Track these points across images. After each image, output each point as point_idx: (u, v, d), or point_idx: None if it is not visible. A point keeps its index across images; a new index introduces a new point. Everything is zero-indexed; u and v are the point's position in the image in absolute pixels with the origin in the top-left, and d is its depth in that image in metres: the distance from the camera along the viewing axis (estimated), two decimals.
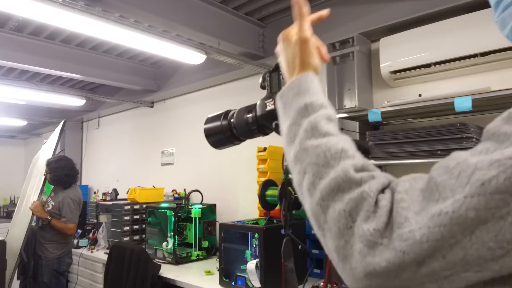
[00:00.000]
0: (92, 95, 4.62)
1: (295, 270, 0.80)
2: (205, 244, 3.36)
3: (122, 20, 2.43)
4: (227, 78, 3.72)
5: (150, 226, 3.52)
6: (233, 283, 2.37)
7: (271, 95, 0.72)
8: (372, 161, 1.85)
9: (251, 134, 0.79)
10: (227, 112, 0.83)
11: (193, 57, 2.96)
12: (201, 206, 3.36)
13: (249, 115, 0.76)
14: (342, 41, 2.61)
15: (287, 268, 0.77)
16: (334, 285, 0.77)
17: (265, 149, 3.15)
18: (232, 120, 0.80)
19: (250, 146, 3.49)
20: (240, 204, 3.71)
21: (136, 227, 3.66)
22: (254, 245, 2.39)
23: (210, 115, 0.86)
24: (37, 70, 3.66)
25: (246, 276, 2.29)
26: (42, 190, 3.27)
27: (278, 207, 2.78)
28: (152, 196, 3.95)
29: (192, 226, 3.40)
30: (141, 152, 5.13)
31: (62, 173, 3.24)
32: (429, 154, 1.92)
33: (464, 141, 1.81)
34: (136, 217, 3.68)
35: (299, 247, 2.45)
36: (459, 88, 2.02)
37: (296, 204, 2.67)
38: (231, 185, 3.81)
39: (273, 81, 0.73)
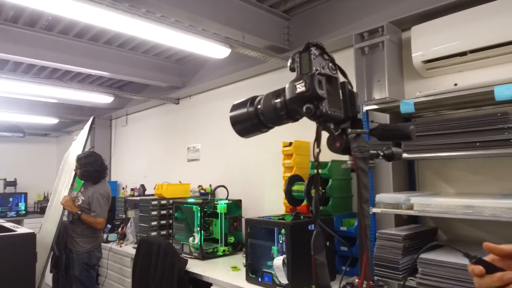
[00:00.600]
0: (120, 92, 4.70)
1: (326, 264, 0.75)
2: (231, 239, 3.34)
3: (149, 15, 2.43)
4: (252, 72, 3.68)
5: (177, 221, 3.54)
6: (259, 279, 2.34)
7: (301, 76, 0.67)
8: (406, 155, 1.76)
9: (279, 120, 0.74)
10: (254, 98, 0.79)
11: (218, 51, 2.94)
12: (226, 201, 3.35)
13: (278, 100, 0.72)
14: (371, 30, 2.51)
15: (317, 261, 0.72)
16: (371, 282, 0.71)
17: (290, 144, 3.09)
18: (259, 106, 0.76)
19: (275, 141, 3.45)
20: (266, 200, 3.67)
21: (163, 222, 3.69)
22: (280, 241, 2.35)
23: (235, 102, 0.82)
24: (67, 68, 3.76)
25: (273, 272, 2.25)
26: (72, 185, 3.35)
27: (304, 202, 2.72)
28: (179, 191, 3.97)
29: (218, 222, 3.40)
30: (168, 149, 5.19)
31: (92, 168, 3.31)
32: (467, 146, 1.81)
33: (506, 132, 1.69)
34: (163, 212, 3.71)
35: (327, 243, 2.39)
36: (497, 77, 1.89)
37: (324, 199, 2.61)
38: (257, 180, 3.78)
39: (303, 62, 0.68)
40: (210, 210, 3.32)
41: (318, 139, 0.70)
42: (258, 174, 3.79)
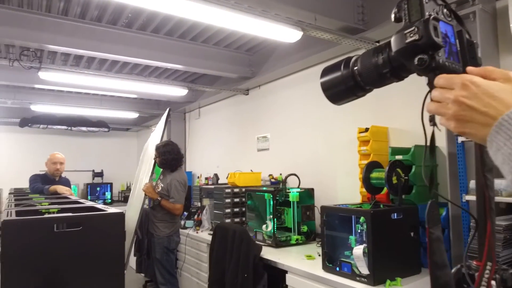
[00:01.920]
0: (193, 85, 4.87)
1: (442, 239, 0.66)
2: (304, 228, 3.28)
3: (223, 2, 2.45)
4: (325, 56, 3.56)
5: (250, 209, 3.58)
6: (337, 269, 2.25)
7: (411, 24, 0.58)
8: None
9: (381, 80, 0.66)
10: (348, 59, 0.71)
11: (290, 35, 2.88)
12: (299, 190, 3.29)
13: (380, 57, 0.64)
14: (460, 1, 2.26)
15: (433, 236, 0.63)
16: (495, 266, 0.61)
17: (367, 129, 2.93)
18: (356, 67, 0.68)
19: (349, 127, 3.31)
20: (339, 189, 3.55)
21: (236, 209, 3.76)
22: (358, 230, 2.23)
23: (326, 66, 0.76)
24: (145, 62, 3.97)
25: (352, 262, 2.15)
26: (152, 173, 3.55)
27: (384, 190, 2.56)
28: (250, 180, 4.01)
29: (290, 211, 3.36)
30: (238, 139, 5.27)
31: (170, 156, 3.48)
32: None
33: None
34: (236, 200, 3.78)
35: (411, 234, 2.22)
36: None
37: (407, 187, 2.42)
38: (329, 169, 3.67)
39: (413, 7, 0.59)
40: (282, 198, 3.29)
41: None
42: (329, 163, 3.67)
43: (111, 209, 1.74)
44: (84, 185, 8.32)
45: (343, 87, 0.70)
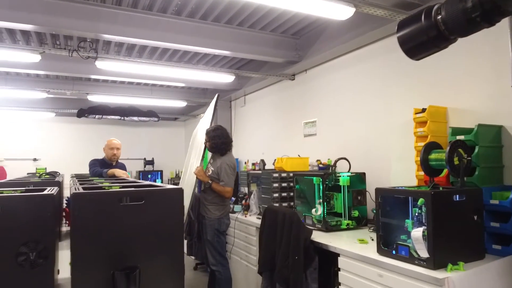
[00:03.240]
0: (240, 71, 4.89)
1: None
2: (355, 213, 3.21)
3: None
4: (377, 35, 3.41)
5: (298, 194, 3.55)
6: (393, 252, 2.18)
7: None
8: None
9: (469, 27, 0.61)
10: (428, 8, 0.67)
11: (341, 12, 2.78)
12: (349, 174, 3.22)
13: (469, 0, 0.59)
14: None
15: None
16: None
17: (423, 110, 2.79)
18: (439, 16, 0.63)
19: (405, 108, 3.16)
20: (392, 173, 3.42)
21: (284, 194, 3.75)
22: (416, 214, 2.14)
23: (402, 19, 0.71)
24: (194, 49, 4.05)
25: (409, 245, 2.07)
26: (203, 157, 3.63)
27: (444, 172, 2.43)
28: (298, 165, 3.98)
29: (340, 196, 3.30)
30: (284, 125, 5.25)
31: (219, 140, 3.54)
32: None
33: None
34: (284, 185, 3.77)
35: (475, 217, 2.09)
36: None
37: (469, 169, 2.28)
38: (381, 153, 3.55)
39: None
40: (331, 183, 3.23)
41: None
42: (381, 147, 3.55)
43: (169, 186, 1.80)
44: (136, 172, 8.72)
45: (424, 38, 0.65)
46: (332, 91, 4.27)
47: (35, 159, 8.31)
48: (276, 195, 3.72)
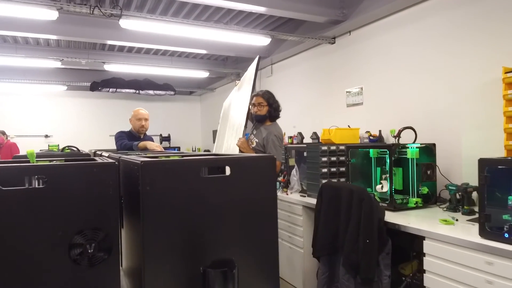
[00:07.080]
0: (275, 33, 4.39)
1: None
2: (424, 190, 2.81)
3: None
4: None
5: (352, 169, 3.14)
6: (506, 235, 1.78)
7: None
8: None
9: None
10: None
11: None
12: (418, 145, 2.80)
13: None
14: None
15: None
16: None
17: None
18: None
19: (485, 69, 2.70)
20: (463, 146, 3.00)
21: (333, 169, 3.35)
22: None
23: None
24: (225, 5, 3.57)
25: None
26: (245, 126, 3.20)
27: None
28: (347, 137, 3.56)
29: (399, 171, 2.90)
30: (320, 95, 4.79)
31: (276, 105, 3.14)
32: None
33: None
34: (333, 159, 3.36)
35: None
36: None
37: None
38: (447, 123, 3.12)
39: None
40: (395, 156, 2.82)
41: None
42: (448, 116, 3.11)
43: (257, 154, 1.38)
44: None
45: None
46: (381, 55, 3.80)
47: (46, 136, 7.95)
48: (324, 170, 3.32)
